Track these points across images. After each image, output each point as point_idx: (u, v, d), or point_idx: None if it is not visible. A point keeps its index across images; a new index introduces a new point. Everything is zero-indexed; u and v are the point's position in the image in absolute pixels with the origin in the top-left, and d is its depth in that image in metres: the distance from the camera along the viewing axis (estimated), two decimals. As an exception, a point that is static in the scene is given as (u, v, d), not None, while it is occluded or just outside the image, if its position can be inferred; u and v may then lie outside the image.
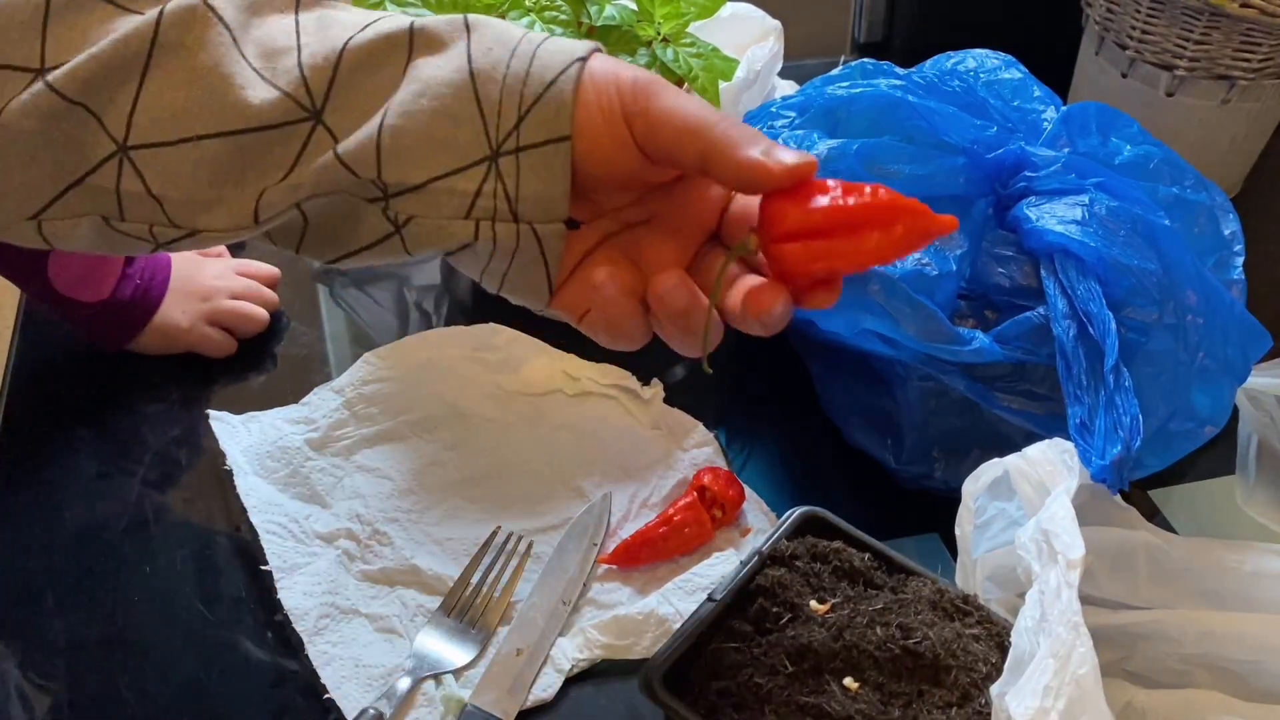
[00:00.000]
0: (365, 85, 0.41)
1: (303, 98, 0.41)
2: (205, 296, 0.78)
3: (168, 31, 0.40)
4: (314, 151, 0.41)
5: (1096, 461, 0.55)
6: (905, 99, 0.70)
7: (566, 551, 0.63)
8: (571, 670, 0.59)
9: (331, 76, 0.41)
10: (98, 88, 0.40)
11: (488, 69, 0.41)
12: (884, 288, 0.63)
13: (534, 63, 0.41)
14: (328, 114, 0.41)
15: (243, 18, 0.42)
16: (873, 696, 0.50)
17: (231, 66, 0.41)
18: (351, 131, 0.41)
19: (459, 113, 0.41)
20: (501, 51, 0.42)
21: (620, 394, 0.75)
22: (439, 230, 0.43)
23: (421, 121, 0.41)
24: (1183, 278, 0.63)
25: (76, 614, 0.62)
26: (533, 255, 0.43)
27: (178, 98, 0.40)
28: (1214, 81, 0.89)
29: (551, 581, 0.62)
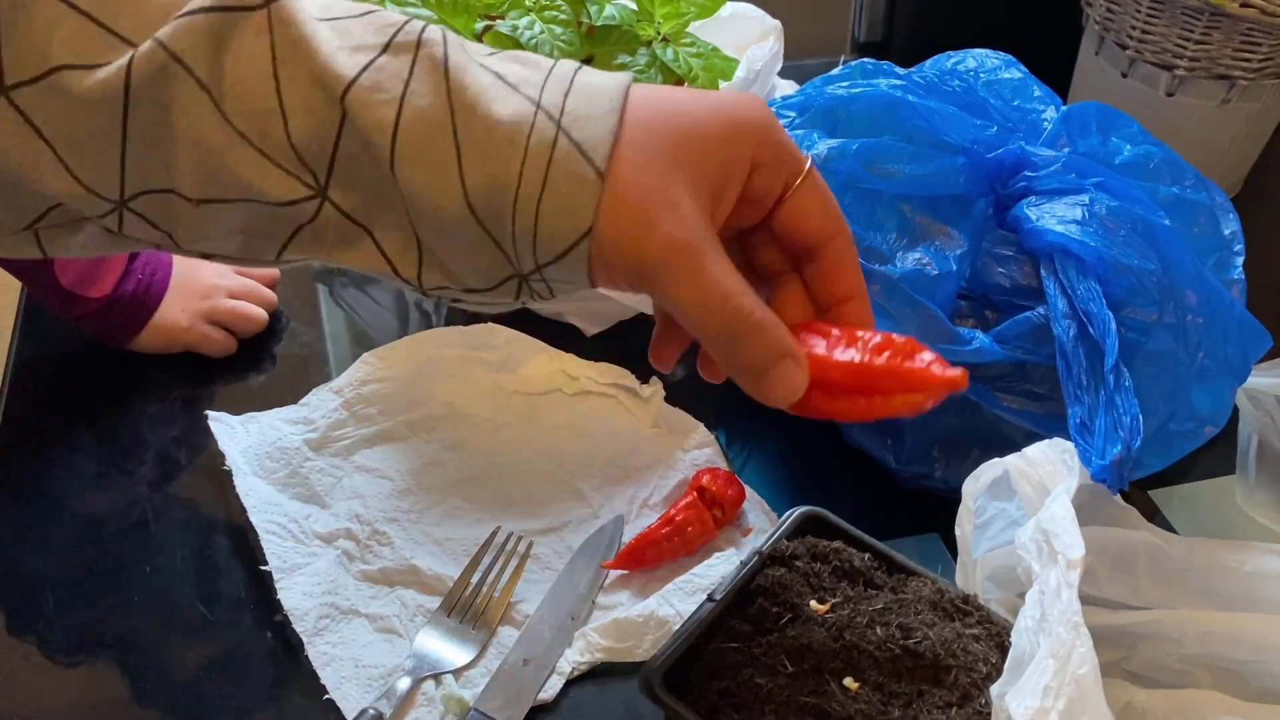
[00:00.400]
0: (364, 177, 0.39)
1: (305, 176, 0.38)
2: (205, 295, 0.78)
3: (138, 91, 0.36)
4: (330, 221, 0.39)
5: (1096, 461, 0.55)
6: (905, 99, 0.70)
7: (577, 569, 0.63)
8: (572, 673, 0.59)
9: (330, 161, 0.38)
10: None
11: (493, 221, 0.38)
12: (884, 288, 0.63)
13: (539, 228, 0.38)
14: (332, 190, 0.39)
15: (213, 64, 0.37)
16: (873, 696, 0.50)
17: (218, 134, 0.37)
18: (360, 211, 0.39)
19: (479, 247, 0.39)
20: (502, 201, 0.38)
21: (619, 393, 0.75)
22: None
23: (447, 254, 0.40)
24: (1183, 278, 0.63)
25: (76, 614, 0.62)
26: None
27: (171, 162, 0.38)
28: (1214, 81, 0.89)
29: (561, 597, 0.62)
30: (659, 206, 0.38)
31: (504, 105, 0.38)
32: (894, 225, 0.66)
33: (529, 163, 0.37)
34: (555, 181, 0.38)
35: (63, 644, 0.61)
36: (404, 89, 0.37)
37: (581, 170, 0.37)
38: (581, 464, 0.71)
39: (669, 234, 0.38)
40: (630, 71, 0.40)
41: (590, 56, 0.76)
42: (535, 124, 0.38)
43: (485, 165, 0.38)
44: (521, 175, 0.38)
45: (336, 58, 0.37)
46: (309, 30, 0.37)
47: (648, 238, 0.38)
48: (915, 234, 0.66)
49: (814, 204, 0.43)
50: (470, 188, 0.38)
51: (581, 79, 0.39)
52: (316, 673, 0.58)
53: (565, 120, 0.38)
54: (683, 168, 0.39)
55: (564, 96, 0.38)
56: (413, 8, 0.72)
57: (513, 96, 0.38)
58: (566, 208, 0.38)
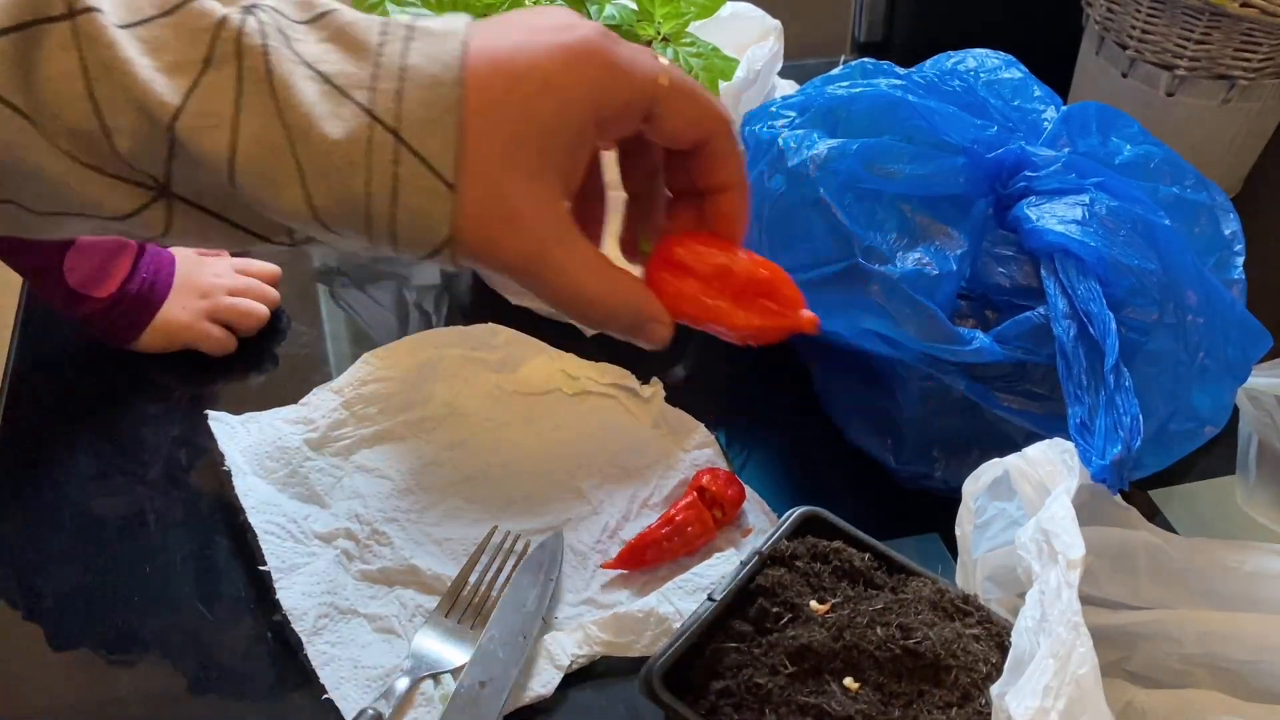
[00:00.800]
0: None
1: (144, 179, 0.37)
2: (206, 293, 0.79)
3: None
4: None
5: (1096, 461, 0.55)
6: (905, 99, 0.70)
7: (521, 587, 0.62)
8: (571, 666, 0.59)
9: (167, 171, 0.37)
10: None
11: (347, 231, 0.38)
12: (884, 288, 0.63)
13: (397, 238, 0.38)
14: (175, 185, 0.37)
15: (27, 93, 0.35)
16: (873, 696, 0.50)
17: (48, 159, 0.36)
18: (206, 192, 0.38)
19: (335, 242, 0.39)
20: (353, 217, 0.37)
21: (620, 393, 0.75)
22: None
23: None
24: (1183, 278, 0.63)
25: (76, 613, 0.62)
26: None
27: (7, 183, 0.37)
28: (1214, 81, 0.89)
29: (509, 617, 0.61)
30: (503, 221, 0.38)
31: (336, 123, 0.36)
32: (894, 225, 0.66)
33: (374, 181, 0.36)
34: (405, 198, 0.37)
35: (62, 643, 0.61)
36: (234, 112, 0.36)
37: (430, 184, 0.37)
38: (581, 464, 0.71)
39: (517, 250, 0.39)
40: (464, 20, 0.39)
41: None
42: (373, 140, 0.36)
43: (330, 187, 0.37)
44: (369, 195, 0.37)
45: (156, 82, 0.35)
46: (121, 51, 0.35)
47: (502, 249, 0.39)
48: (915, 234, 0.66)
49: (678, 116, 0.42)
50: (319, 207, 0.37)
51: (414, 65, 0.37)
52: (315, 672, 0.58)
53: (404, 131, 0.36)
54: (525, 155, 0.38)
55: (397, 99, 0.37)
56: (413, 8, 0.72)
57: (343, 107, 0.36)
58: (421, 222, 0.37)
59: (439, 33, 0.38)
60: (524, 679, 0.58)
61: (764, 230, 0.68)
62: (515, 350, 0.76)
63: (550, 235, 0.40)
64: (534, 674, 0.58)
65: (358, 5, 0.75)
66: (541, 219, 0.39)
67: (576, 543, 0.66)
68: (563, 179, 0.40)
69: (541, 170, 0.39)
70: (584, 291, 0.41)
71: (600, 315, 0.42)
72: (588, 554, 0.66)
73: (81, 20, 0.35)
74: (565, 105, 0.38)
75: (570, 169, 0.40)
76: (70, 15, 0.35)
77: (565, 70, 0.38)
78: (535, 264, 0.40)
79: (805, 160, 0.67)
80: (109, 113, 0.35)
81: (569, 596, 0.63)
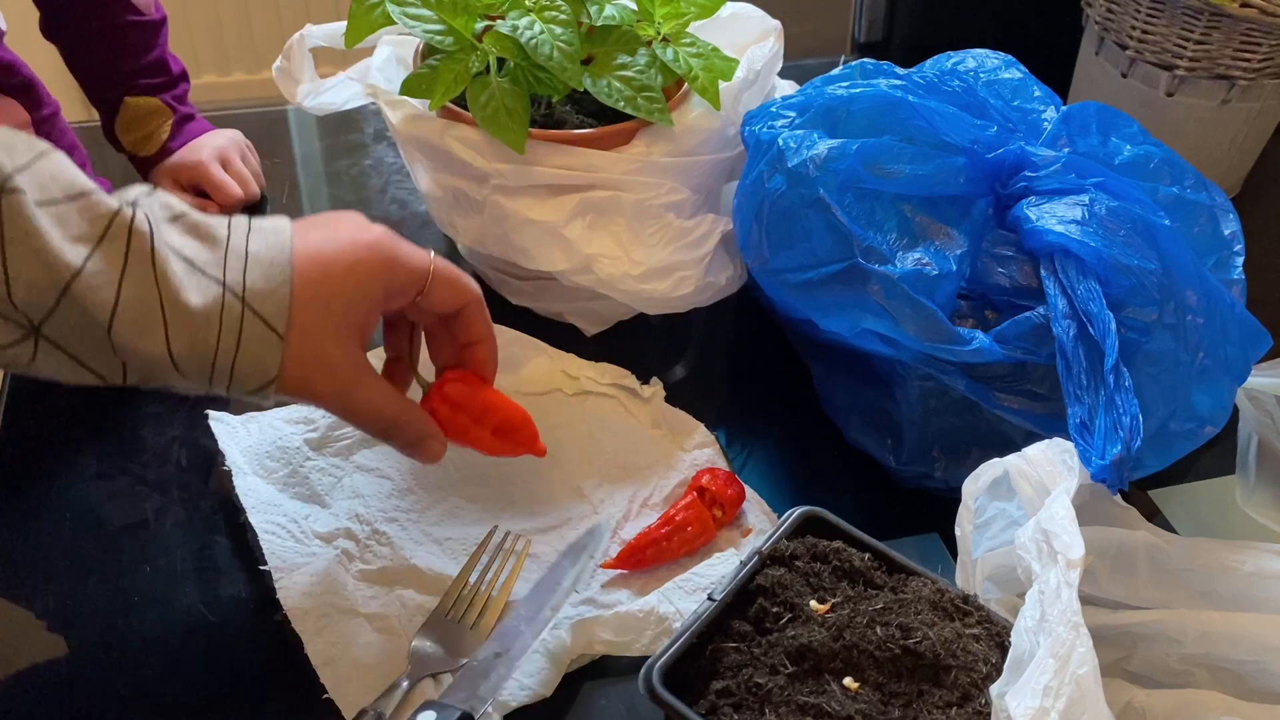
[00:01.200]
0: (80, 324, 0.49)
1: (20, 319, 0.48)
2: None
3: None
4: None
5: (1096, 461, 0.55)
6: (905, 99, 0.70)
7: (562, 568, 0.63)
8: (571, 666, 0.59)
9: (46, 315, 0.48)
10: None
11: (193, 373, 0.52)
12: (884, 288, 0.63)
13: (234, 377, 0.52)
14: (46, 328, 0.48)
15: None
16: (873, 696, 0.50)
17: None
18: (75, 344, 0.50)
19: (176, 379, 0.52)
20: (202, 362, 0.51)
21: (620, 393, 0.75)
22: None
23: (149, 374, 0.52)
24: (1183, 278, 0.63)
25: (76, 614, 0.62)
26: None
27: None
28: (1214, 81, 0.89)
29: (543, 593, 0.62)
30: (317, 365, 0.53)
31: (196, 293, 0.50)
32: (894, 225, 0.66)
33: (224, 335, 0.50)
34: (246, 345, 0.51)
35: (62, 643, 0.61)
36: (120, 276, 0.48)
37: (267, 336, 0.51)
38: (581, 463, 0.71)
39: (328, 386, 0.54)
40: (289, 221, 0.54)
41: (590, 57, 0.76)
42: (225, 303, 0.50)
43: (188, 339, 0.50)
44: (218, 346, 0.51)
45: (64, 249, 0.47)
46: (36, 223, 0.46)
47: (317, 386, 0.54)
48: (915, 234, 0.66)
49: (443, 292, 0.58)
50: (175, 352, 0.50)
51: (254, 251, 0.52)
52: (315, 672, 0.58)
53: (249, 297, 0.51)
54: (335, 320, 0.53)
55: (243, 275, 0.51)
56: (413, 8, 0.72)
57: (203, 281, 0.50)
58: (257, 365, 0.52)
59: (271, 229, 0.53)
60: (524, 678, 0.58)
61: (764, 230, 0.68)
62: (515, 350, 0.76)
63: (353, 375, 0.55)
64: (534, 673, 0.58)
65: (357, 5, 0.75)
66: (347, 364, 0.54)
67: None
68: (361, 336, 0.55)
69: (347, 330, 0.54)
70: (382, 414, 0.57)
71: (391, 431, 0.58)
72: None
73: (7, 198, 0.46)
74: (361, 285, 0.54)
75: (367, 329, 0.55)
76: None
77: (362, 261, 0.54)
78: (342, 396, 0.55)
79: (805, 160, 0.67)
80: (14, 264, 0.46)
81: (569, 596, 0.63)
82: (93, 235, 0.48)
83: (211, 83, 2.08)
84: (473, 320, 0.60)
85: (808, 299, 0.67)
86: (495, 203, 0.74)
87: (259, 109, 1.06)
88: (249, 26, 2.04)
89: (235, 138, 0.95)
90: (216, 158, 0.92)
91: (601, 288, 0.74)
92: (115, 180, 0.79)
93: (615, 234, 0.74)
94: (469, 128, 0.73)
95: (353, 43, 0.76)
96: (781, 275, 0.68)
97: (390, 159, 0.99)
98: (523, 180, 0.73)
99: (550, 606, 0.61)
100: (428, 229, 0.91)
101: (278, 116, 1.04)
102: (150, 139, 0.91)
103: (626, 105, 0.72)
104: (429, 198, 0.81)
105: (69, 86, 0.93)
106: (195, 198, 0.91)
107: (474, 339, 0.61)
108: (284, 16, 2.02)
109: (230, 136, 0.95)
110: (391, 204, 0.95)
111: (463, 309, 0.60)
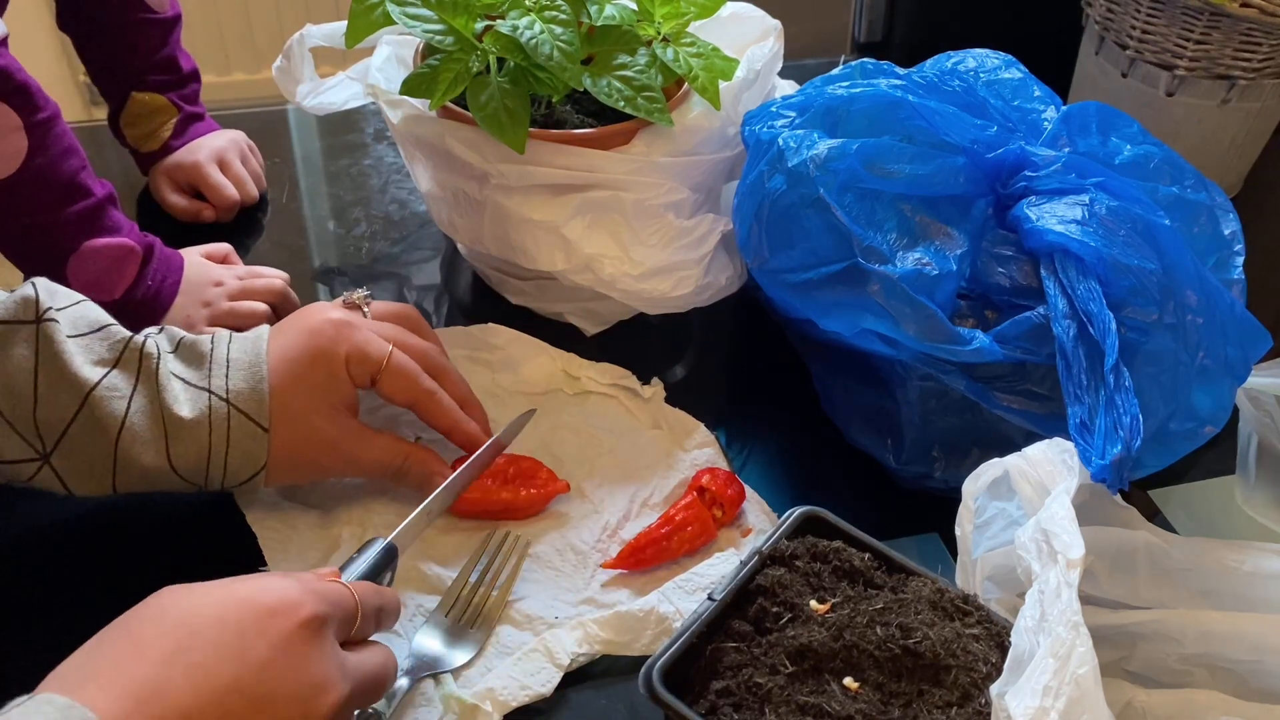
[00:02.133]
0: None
1: (36, 444, 0.57)
2: (210, 300, 0.79)
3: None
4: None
5: (1096, 461, 0.55)
6: (905, 99, 0.70)
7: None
8: (571, 665, 0.59)
9: (59, 436, 0.58)
10: None
11: (191, 475, 0.60)
12: (884, 288, 0.63)
13: (227, 471, 0.60)
14: (54, 458, 0.58)
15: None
16: (873, 696, 0.50)
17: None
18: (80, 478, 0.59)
19: (175, 485, 0.60)
20: (198, 464, 0.60)
21: (620, 393, 0.75)
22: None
23: (144, 486, 0.60)
24: (1183, 278, 0.63)
25: (74, 614, 0.62)
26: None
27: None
28: (1214, 81, 0.89)
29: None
30: (309, 440, 0.62)
31: (189, 406, 0.59)
32: (894, 225, 0.66)
33: (214, 434, 0.59)
34: (236, 441, 0.60)
35: (62, 644, 0.61)
36: (131, 392, 0.58)
37: (253, 430, 0.60)
38: (582, 463, 0.71)
39: (325, 459, 0.63)
40: (267, 328, 0.64)
41: (590, 56, 0.76)
42: (213, 407, 0.59)
43: (185, 445, 0.59)
44: (211, 445, 0.59)
45: (84, 369, 0.58)
46: (64, 347, 0.57)
47: (312, 460, 0.63)
48: (915, 234, 0.66)
49: (395, 384, 0.65)
50: (174, 457, 0.59)
51: (234, 358, 0.61)
52: (316, 672, 0.58)
53: (233, 398, 0.60)
54: (314, 403, 0.62)
55: (226, 378, 0.60)
56: (413, 8, 0.72)
57: (194, 393, 0.60)
58: (248, 457, 0.60)
59: (251, 337, 0.63)
60: (524, 678, 0.58)
61: (764, 230, 0.68)
62: (516, 350, 0.76)
63: (353, 441, 0.63)
64: (534, 673, 0.58)
65: (357, 5, 0.75)
66: (343, 434, 0.63)
67: (578, 541, 0.66)
68: (347, 408, 0.64)
69: (329, 407, 0.63)
70: (388, 464, 0.64)
71: (400, 475, 0.65)
72: (588, 553, 0.66)
73: (45, 325, 0.58)
74: (327, 367, 0.62)
75: (348, 402, 0.64)
76: (38, 321, 0.58)
77: (323, 350, 0.63)
78: (350, 462, 0.63)
79: (805, 160, 0.67)
80: (43, 387, 0.57)
81: (569, 595, 0.63)
82: (110, 359, 0.59)
83: (211, 83, 2.06)
84: (429, 415, 0.66)
85: (808, 299, 0.67)
86: (495, 203, 0.74)
87: (259, 109, 1.06)
88: (249, 26, 2.04)
89: (236, 139, 0.95)
90: (215, 159, 0.91)
91: (601, 288, 0.74)
92: (116, 182, 0.79)
93: (615, 234, 0.74)
94: (469, 128, 0.73)
95: (353, 43, 0.76)
96: (781, 275, 0.68)
97: (390, 159, 0.99)
98: (523, 180, 0.73)
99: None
100: (428, 229, 0.91)
101: (278, 116, 1.04)
102: (153, 136, 0.91)
103: (626, 105, 0.73)
104: (429, 198, 0.81)
105: (70, 89, 0.93)
106: (192, 200, 0.91)
107: (443, 429, 0.67)
108: (284, 16, 2.02)
109: (231, 137, 0.94)
110: (391, 204, 0.95)
111: (414, 405, 0.66)
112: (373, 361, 0.64)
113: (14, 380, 0.57)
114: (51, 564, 0.64)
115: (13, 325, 0.57)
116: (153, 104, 0.91)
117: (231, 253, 0.85)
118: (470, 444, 0.67)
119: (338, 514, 0.66)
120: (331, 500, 0.67)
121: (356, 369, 0.63)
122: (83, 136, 0.96)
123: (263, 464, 0.60)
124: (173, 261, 0.78)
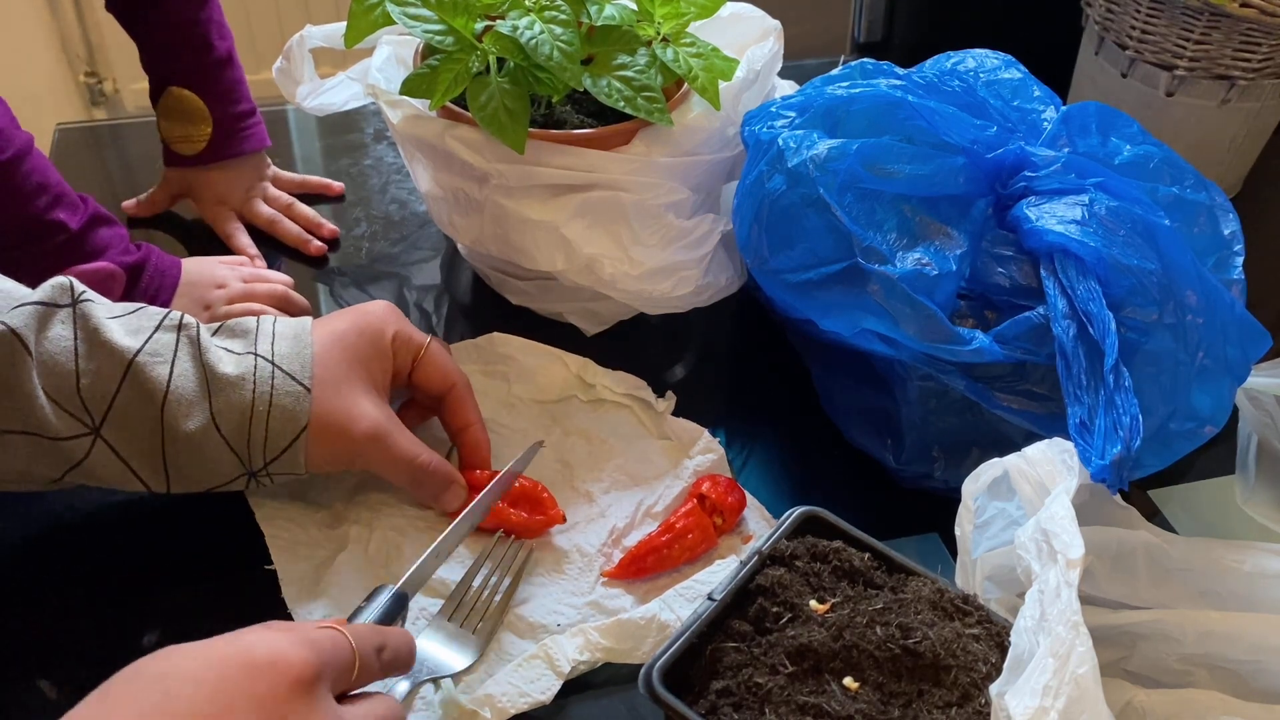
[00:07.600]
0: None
1: (84, 418, 0.57)
2: (209, 303, 0.78)
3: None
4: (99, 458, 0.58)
5: (1096, 461, 0.55)
6: (905, 99, 0.70)
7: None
8: (571, 672, 0.59)
9: (108, 408, 0.57)
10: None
11: (234, 435, 0.59)
12: (884, 288, 0.63)
13: (269, 430, 0.59)
14: (105, 430, 0.57)
15: (37, 339, 0.56)
16: (873, 696, 0.50)
17: (29, 386, 0.56)
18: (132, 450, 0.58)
19: (219, 454, 0.59)
20: (240, 420, 0.59)
21: (634, 403, 0.75)
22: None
23: (193, 467, 0.59)
24: (1183, 278, 0.63)
25: (75, 614, 0.62)
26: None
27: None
28: (1214, 81, 0.89)
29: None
30: (348, 412, 0.61)
31: (231, 365, 0.60)
32: (894, 225, 0.66)
33: (258, 391, 0.59)
34: (278, 398, 0.59)
35: (62, 644, 0.61)
36: (172, 356, 0.59)
37: (295, 389, 0.60)
38: (591, 469, 0.71)
39: (362, 430, 0.61)
40: (308, 317, 0.65)
41: (590, 57, 0.76)
42: (257, 367, 0.60)
43: (227, 400, 0.59)
44: (254, 402, 0.59)
45: (124, 339, 0.58)
46: (102, 323, 0.58)
47: (352, 429, 0.61)
48: (915, 234, 0.66)
49: (433, 368, 0.67)
50: (217, 413, 0.58)
51: (280, 332, 0.62)
52: (317, 673, 0.58)
53: (278, 359, 0.61)
54: (356, 374, 0.63)
55: (272, 344, 0.61)
56: (413, 8, 0.72)
57: (238, 357, 0.60)
58: (288, 413, 0.60)
59: (292, 321, 0.64)
60: (523, 685, 0.58)
61: (764, 230, 0.68)
62: (529, 359, 0.76)
63: (386, 422, 0.63)
64: (534, 680, 0.58)
65: (357, 5, 0.75)
66: (378, 413, 0.63)
67: (584, 545, 0.66)
68: (379, 386, 0.64)
69: (368, 384, 0.63)
70: (414, 460, 0.63)
71: (421, 477, 0.64)
72: (594, 556, 0.66)
73: (81, 305, 0.58)
74: (373, 341, 0.64)
75: (383, 379, 0.65)
76: (74, 304, 0.58)
77: (370, 324, 0.65)
78: (379, 441, 0.62)
79: (805, 160, 0.67)
80: (84, 360, 0.57)
81: (571, 600, 0.63)
82: (149, 327, 0.59)
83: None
84: (459, 404, 0.68)
85: (807, 299, 0.67)
86: (495, 203, 0.74)
87: (259, 109, 1.06)
88: (249, 26, 2.04)
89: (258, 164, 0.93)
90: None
91: (601, 288, 0.74)
92: (107, 204, 0.79)
93: (615, 234, 0.74)
94: (469, 128, 0.73)
95: (353, 43, 0.76)
96: (781, 275, 0.68)
97: (390, 159, 0.99)
98: (523, 180, 0.73)
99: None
100: (428, 229, 0.91)
101: (278, 116, 1.04)
102: (188, 140, 0.89)
103: (626, 105, 0.73)
104: (429, 198, 0.81)
105: (70, 90, 0.92)
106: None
107: (462, 423, 0.68)
108: (284, 16, 2.02)
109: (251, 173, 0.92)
110: (391, 204, 0.95)
111: (448, 391, 0.67)
112: (415, 343, 0.66)
113: (54, 358, 0.56)
114: (56, 564, 0.65)
115: (50, 307, 0.57)
116: (194, 110, 0.89)
117: (251, 261, 0.84)
118: (479, 451, 0.68)
119: (345, 514, 0.66)
120: (339, 500, 0.67)
121: (401, 347, 0.66)
122: (83, 136, 0.97)
123: (303, 425, 0.60)
124: (167, 273, 0.78)
